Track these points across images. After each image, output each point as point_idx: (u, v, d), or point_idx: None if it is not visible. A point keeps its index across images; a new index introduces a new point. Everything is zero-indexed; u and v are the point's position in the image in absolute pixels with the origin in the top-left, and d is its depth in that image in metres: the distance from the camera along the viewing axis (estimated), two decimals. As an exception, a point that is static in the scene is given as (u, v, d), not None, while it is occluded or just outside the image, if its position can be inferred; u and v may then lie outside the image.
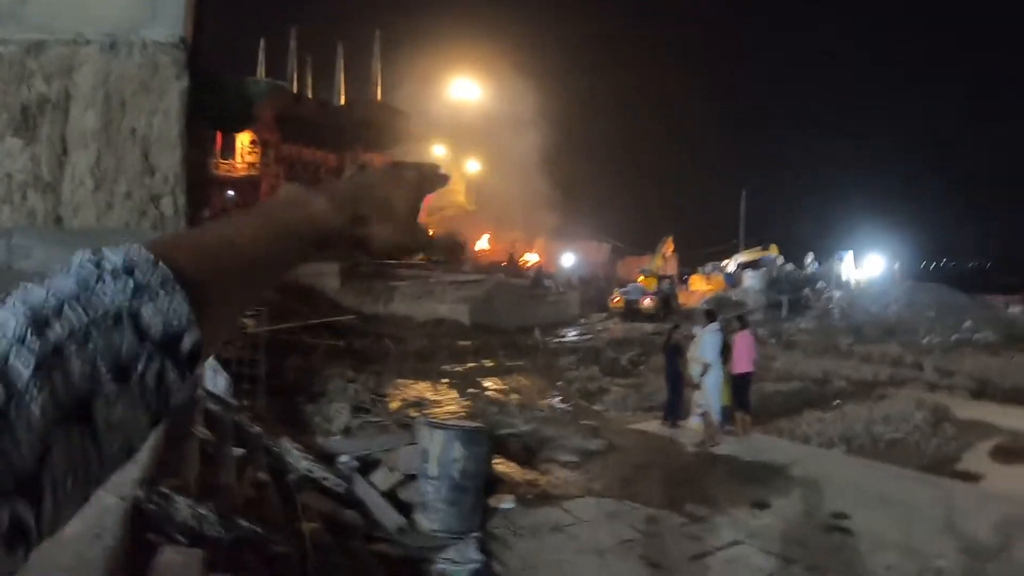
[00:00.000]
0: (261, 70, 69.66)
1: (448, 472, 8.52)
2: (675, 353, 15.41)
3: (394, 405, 14.98)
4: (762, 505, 9.99)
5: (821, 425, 17.31)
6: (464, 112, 79.46)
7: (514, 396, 17.89)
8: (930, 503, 10.45)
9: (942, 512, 9.97)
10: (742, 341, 15.06)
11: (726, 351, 14.55)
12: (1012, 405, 21.37)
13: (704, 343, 14.13)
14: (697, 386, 14.17)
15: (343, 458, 10.00)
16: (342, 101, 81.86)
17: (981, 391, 24.69)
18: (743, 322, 16.37)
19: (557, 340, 34.09)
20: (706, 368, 13.85)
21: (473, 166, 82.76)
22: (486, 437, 9.80)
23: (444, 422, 10.47)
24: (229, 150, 58.51)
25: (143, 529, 4.92)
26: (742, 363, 14.78)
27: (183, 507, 5.39)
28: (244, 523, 5.98)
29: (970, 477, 13.67)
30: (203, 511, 5.49)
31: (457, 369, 21.95)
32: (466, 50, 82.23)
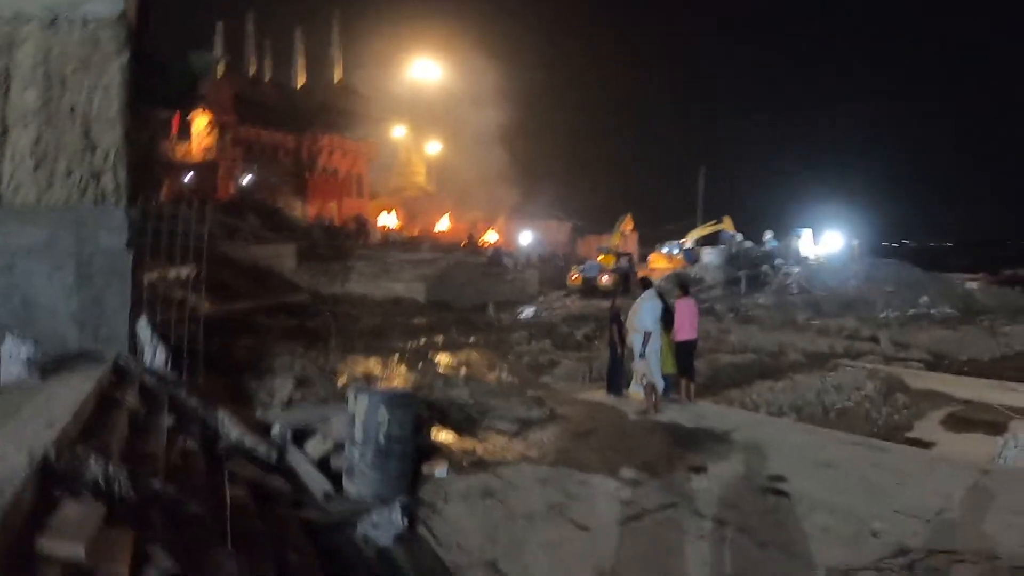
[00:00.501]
0: (219, 54, 69.03)
1: (374, 437, 8.48)
2: (615, 323, 15.43)
3: (341, 380, 14.92)
4: (699, 469, 9.97)
5: (772, 395, 17.40)
6: (425, 93, 79.36)
7: (463, 370, 17.86)
8: (872, 467, 10.48)
9: (884, 476, 10.01)
10: (683, 308, 15.05)
11: (668, 318, 14.56)
12: (967, 376, 21.57)
13: (641, 311, 14.12)
14: (640, 354, 14.17)
15: (276, 428, 9.95)
16: (301, 83, 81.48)
17: (936, 363, 24.91)
18: (684, 289, 16.37)
19: (513, 317, 34.18)
20: (646, 336, 13.85)
21: (434, 147, 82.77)
22: (413, 402, 9.79)
23: (371, 387, 10.45)
24: (186, 133, 58.05)
25: (50, 485, 4.93)
26: (684, 330, 14.79)
27: (95, 466, 5.40)
28: (157, 484, 5.97)
29: (921, 445, 13.74)
30: (114, 470, 5.48)
31: (409, 345, 21.90)
32: (426, 30, 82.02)
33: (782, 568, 7.33)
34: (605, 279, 47.75)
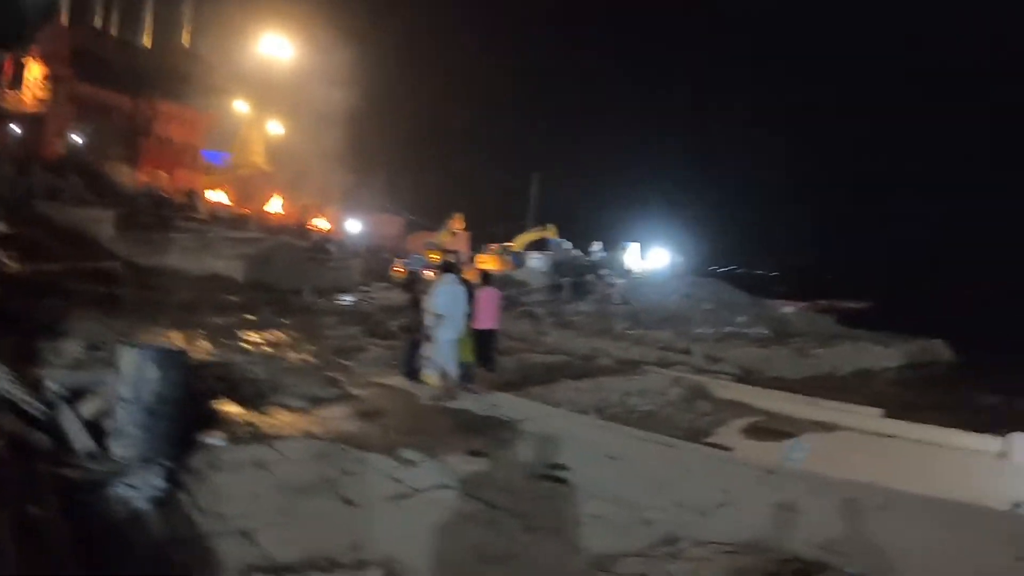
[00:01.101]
0: (66, 3, 66.38)
1: (141, 395, 8.18)
2: (413, 307, 15.36)
3: (139, 348, 14.52)
4: (480, 454, 10.01)
5: (576, 394, 17.59)
6: (271, 69, 77.88)
7: (266, 348, 17.62)
8: (660, 462, 10.69)
9: (670, 471, 10.24)
10: (484, 297, 15.08)
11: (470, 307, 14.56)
12: (772, 389, 22.15)
13: (436, 295, 14.09)
14: (428, 339, 14.17)
15: (53, 385, 9.61)
16: (148, 44, 79.06)
17: (745, 378, 25.58)
18: (487, 279, 16.36)
19: (330, 303, 33.88)
20: (438, 321, 13.83)
21: (274, 126, 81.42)
22: (186, 362, 9.52)
23: (141, 343, 10.20)
24: (19, 81, 55.64)
25: None
26: (484, 319, 14.82)
27: None
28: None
29: (718, 449, 14.04)
30: None
31: (217, 321, 21.51)
32: (279, 3, 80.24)
33: (548, 552, 7.40)
34: (428, 274, 47.59)
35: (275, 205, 73.25)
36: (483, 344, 14.86)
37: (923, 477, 12.27)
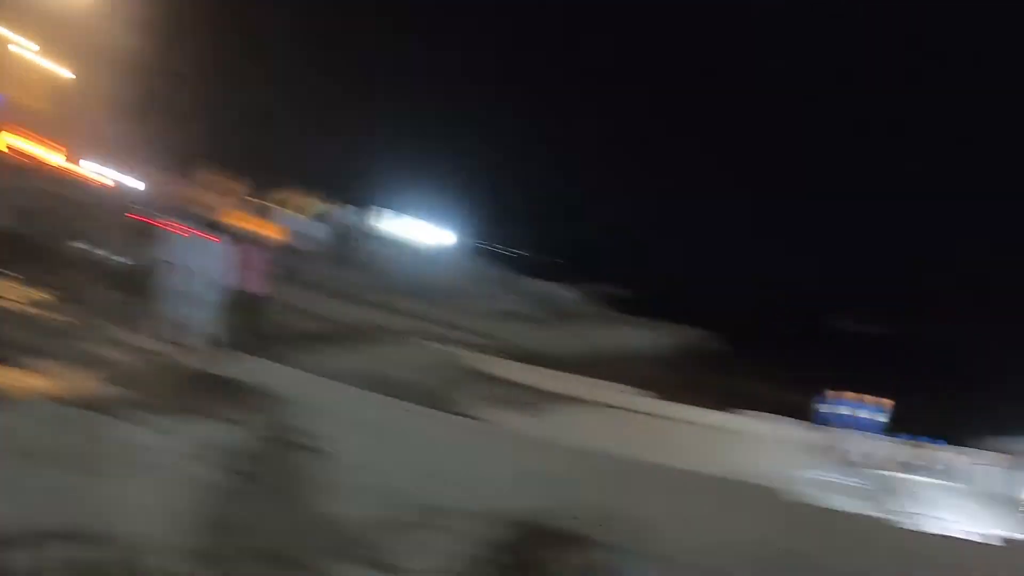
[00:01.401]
0: None
1: None
2: (170, 265, 15.01)
3: None
4: (229, 420, 9.83)
5: (337, 362, 17.50)
6: (62, 6, 74.24)
7: (16, 304, 16.86)
8: (414, 432, 10.81)
9: (424, 440, 10.39)
10: (246, 257, 14.88)
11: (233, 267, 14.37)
12: (536, 366, 22.57)
13: (192, 253, 13.85)
14: (185, 298, 13.90)
15: None
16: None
17: (513, 354, 25.93)
18: (249, 239, 16.16)
19: (91, 257, 32.69)
20: (194, 279, 13.58)
21: (62, 71, 77.73)
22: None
23: None
24: None
25: None
26: (245, 280, 14.66)
27: None
28: None
29: (476, 420, 14.24)
30: None
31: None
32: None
33: (292, 520, 7.38)
34: (188, 230, 46.38)
35: (51, 153, 70.13)
36: (243, 307, 14.67)
37: (677, 452, 12.80)
